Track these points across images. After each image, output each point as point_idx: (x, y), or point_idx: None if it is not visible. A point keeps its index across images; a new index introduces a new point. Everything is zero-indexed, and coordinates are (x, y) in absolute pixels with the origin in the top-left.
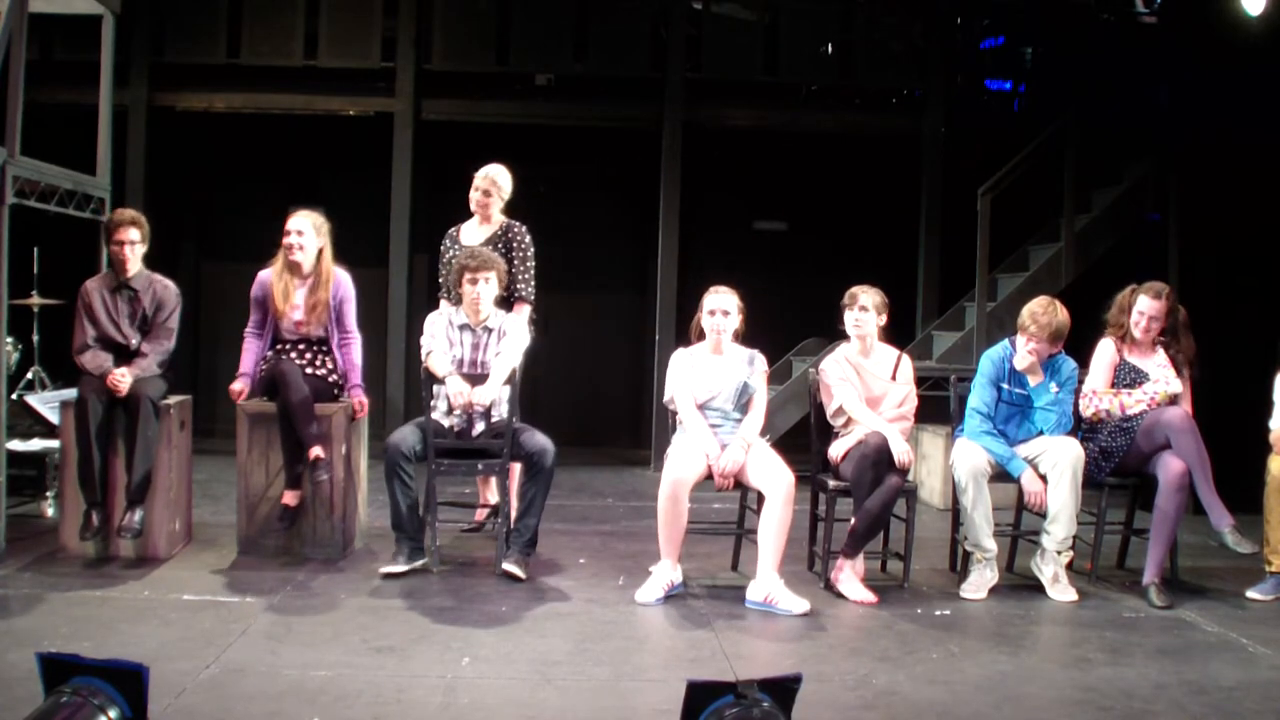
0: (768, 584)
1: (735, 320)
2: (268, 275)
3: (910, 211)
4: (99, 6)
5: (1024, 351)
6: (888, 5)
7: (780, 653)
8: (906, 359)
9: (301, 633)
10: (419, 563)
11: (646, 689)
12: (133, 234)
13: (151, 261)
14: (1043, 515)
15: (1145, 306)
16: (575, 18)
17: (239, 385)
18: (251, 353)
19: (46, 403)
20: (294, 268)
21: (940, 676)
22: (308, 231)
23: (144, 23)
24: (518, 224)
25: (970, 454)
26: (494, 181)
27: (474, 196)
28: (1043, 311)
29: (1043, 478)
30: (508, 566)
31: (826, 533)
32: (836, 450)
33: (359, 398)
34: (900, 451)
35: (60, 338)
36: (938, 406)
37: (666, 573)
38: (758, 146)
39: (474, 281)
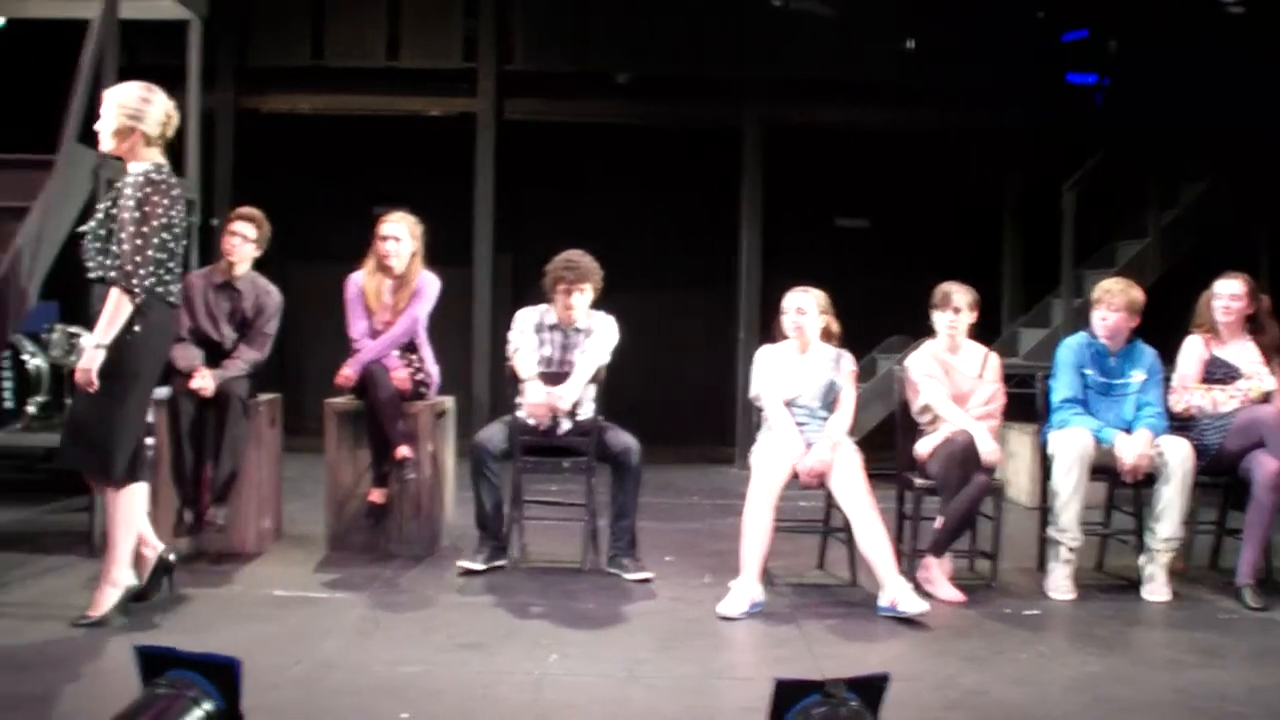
0: (893, 588)
1: (814, 319)
2: (361, 276)
3: (994, 207)
4: (186, 11)
5: (1100, 324)
6: None
7: (867, 651)
8: (994, 356)
9: (390, 629)
10: (499, 562)
11: (733, 687)
12: (242, 227)
13: None
14: (1143, 484)
15: (1222, 288)
16: (654, 16)
17: (350, 372)
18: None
19: None
20: (387, 270)
21: (1028, 677)
22: (404, 238)
23: (229, 27)
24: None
25: (1074, 436)
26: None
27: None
28: (1115, 283)
29: (1149, 477)
30: (632, 576)
31: (913, 531)
32: (923, 448)
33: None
34: (988, 449)
35: None
36: (1024, 404)
37: (749, 589)
38: (839, 143)
39: (569, 293)
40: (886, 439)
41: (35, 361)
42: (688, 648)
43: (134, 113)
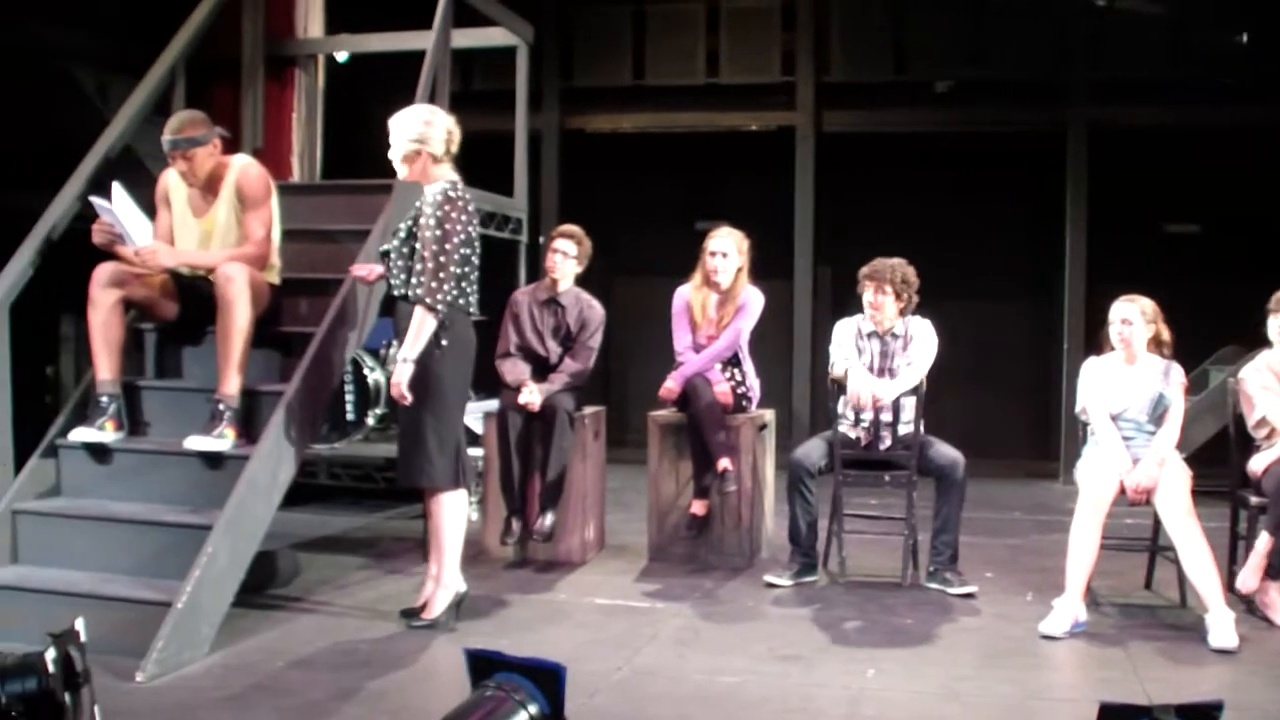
0: (1212, 615)
1: (1141, 330)
2: (688, 290)
3: None
4: (513, 38)
5: None
6: None
7: (1197, 678)
8: None
9: (709, 639)
10: (806, 579)
11: (1055, 709)
12: (563, 244)
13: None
14: None
15: None
16: (972, 23)
17: (673, 385)
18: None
19: (470, 413)
20: (714, 285)
21: None
22: (731, 253)
23: (554, 51)
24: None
25: None
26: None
27: None
28: None
29: None
30: (956, 591)
31: (1247, 552)
32: (1257, 464)
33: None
34: None
35: (483, 351)
36: None
37: (1073, 607)
38: (1167, 145)
39: (872, 295)
40: (1218, 454)
41: (374, 376)
42: (1008, 666)
43: (418, 136)
